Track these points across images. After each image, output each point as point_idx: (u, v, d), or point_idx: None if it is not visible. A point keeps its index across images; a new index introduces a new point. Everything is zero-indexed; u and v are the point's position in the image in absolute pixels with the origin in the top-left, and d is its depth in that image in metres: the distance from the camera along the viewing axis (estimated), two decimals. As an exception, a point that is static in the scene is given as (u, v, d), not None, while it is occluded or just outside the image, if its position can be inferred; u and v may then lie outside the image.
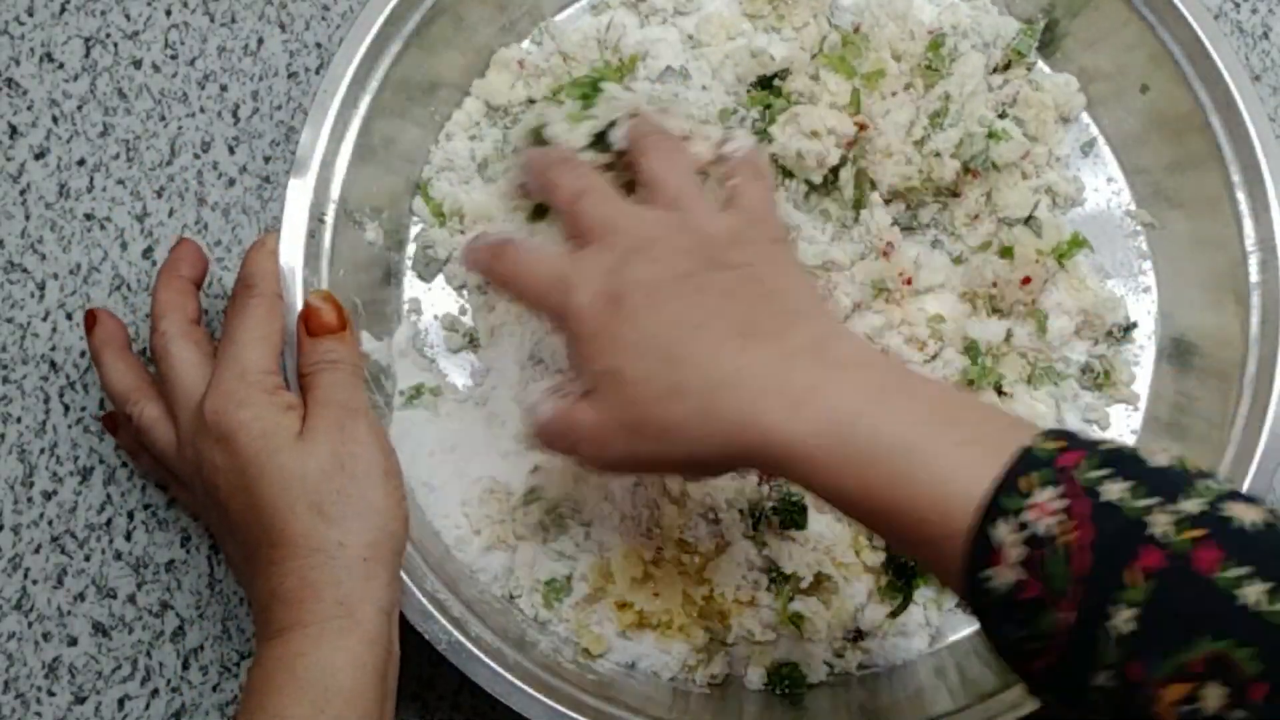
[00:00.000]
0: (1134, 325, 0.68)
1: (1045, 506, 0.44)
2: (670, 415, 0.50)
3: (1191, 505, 0.43)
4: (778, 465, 0.49)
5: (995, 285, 0.66)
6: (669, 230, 0.54)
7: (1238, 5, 0.75)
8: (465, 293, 0.68)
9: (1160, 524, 0.43)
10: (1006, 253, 0.66)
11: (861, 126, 0.65)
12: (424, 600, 0.58)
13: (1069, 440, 0.46)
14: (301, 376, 0.58)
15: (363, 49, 0.63)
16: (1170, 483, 0.44)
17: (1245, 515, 0.43)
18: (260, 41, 0.73)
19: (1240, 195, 0.64)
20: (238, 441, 0.55)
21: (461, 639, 0.58)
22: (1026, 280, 0.65)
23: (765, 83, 0.67)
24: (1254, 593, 0.41)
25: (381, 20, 0.63)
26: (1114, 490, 0.44)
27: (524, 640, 0.62)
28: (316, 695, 0.51)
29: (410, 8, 0.64)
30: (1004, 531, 0.44)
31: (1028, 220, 0.67)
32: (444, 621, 0.58)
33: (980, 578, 0.45)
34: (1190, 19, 0.64)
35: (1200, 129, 0.65)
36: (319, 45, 0.73)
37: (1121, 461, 0.45)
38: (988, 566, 0.45)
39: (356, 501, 0.55)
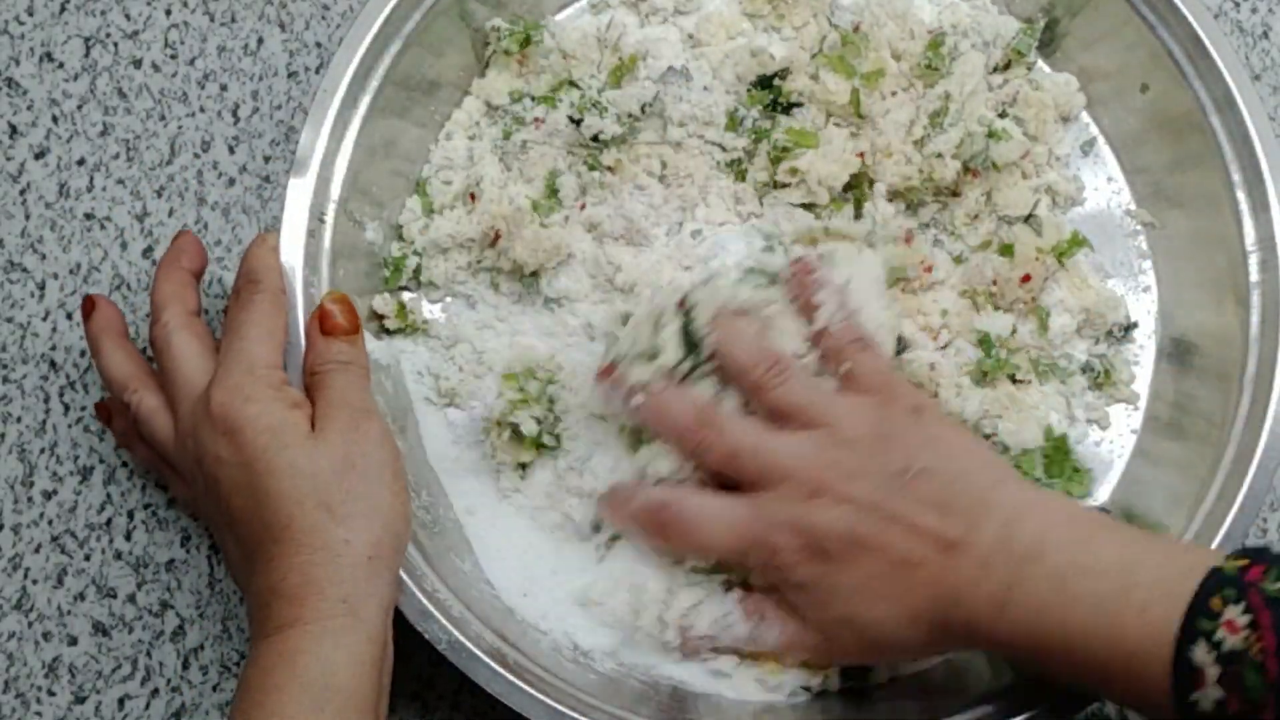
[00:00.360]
0: (1134, 325, 0.68)
1: (1234, 624, 0.47)
2: (903, 642, 0.56)
3: None
4: (1009, 659, 0.58)
5: (995, 283, 0.66)
6: (830, 456, 0.57)
7: (1237, 4, 0.75)
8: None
9: None
10: (1007, 251, 0.66)
11: (860, 156, 0.66)
12: (424, 600, 0.58)
13: (1254, 556, 0.49)
14: (310, 375, 0.59)
15: (363, 48, 0.63)
16: None
17: None
18: (260, 41, 0.73)
19: (1240, 194, 0.64)
20: (244, 436, 0.55)
21: (461, 638, 0.58)
22: (1026, 278, 0.65)
23: (765, 82, 0.67)
24: None
25: (381, 20, 0.63)
26: None
27: (524, 639, 0.62)
28: (316, 693, 0.51)
29: (411, 7, 0.64)
30: (1201, 653, 0.47)
31: (1028, 219, 0.67)
32: (444, 621, 0.58)
33: (1190, 701, 0.48)
34: (1190, 18, 0.64)
35: (1200, 128, 0.65)
36: (319, 45, 0.73)
37: None
38: (1194, 689, 0.47)
39: (365, 501, 0.55)
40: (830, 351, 0.61)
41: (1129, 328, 0.68)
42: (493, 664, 0.58)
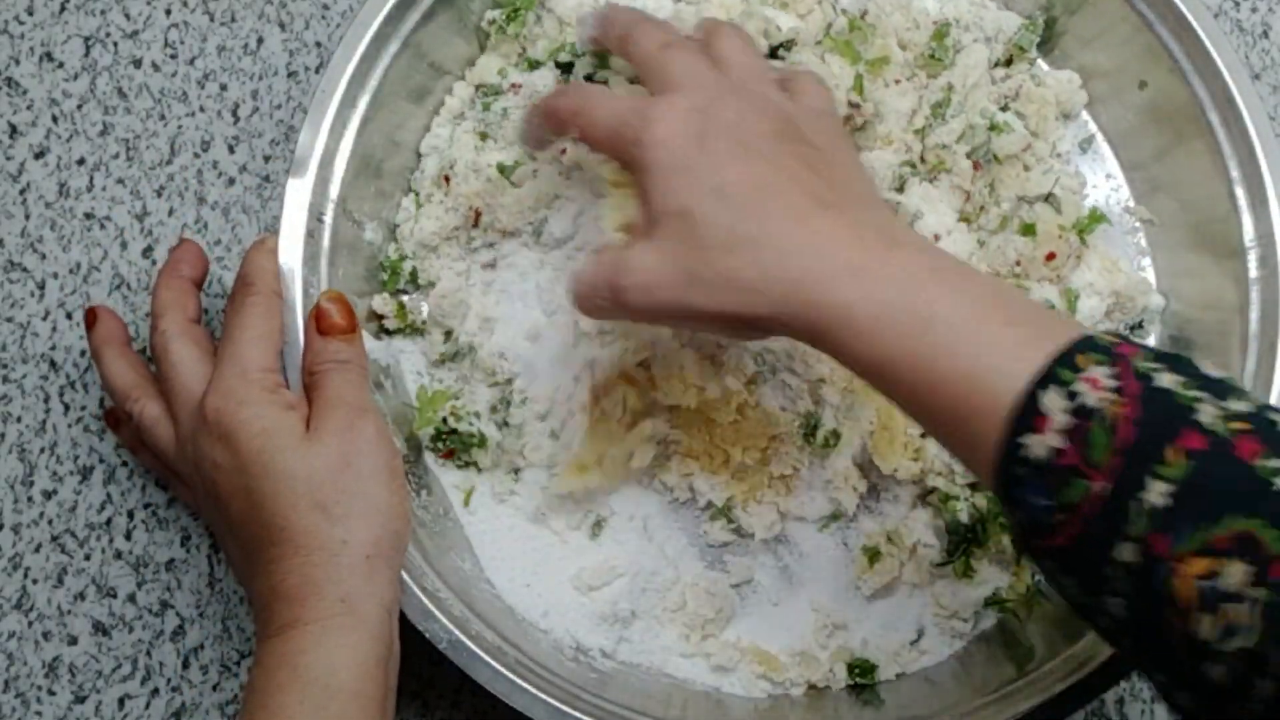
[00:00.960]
0: (1141, 324, 0.68)
1: (1099, 382, 0.44)
2: (733, 265, 0.50)
3: (1240, 405, 0.44)
4: (825, 331, 0.50)
5: (1019, 263, 0.65)
6: (752, 96, 0.54)
7: (1237, 3, 0.75)
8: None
9: (1208, 414, 0.43)
10: (1028, 230, 0.65)
11: (854, 106, 0.65)
12: (424, 599, 0.58)
13: (1125, 339, 0.47)
14: (308, 375, 0.58)
15: (361, 48, 0.63)
16: (1221, 386, 0.45)
17: None
18: (260, 41, 0.73)
19: (1239, 190, 0.64)
20: (238, 439, 0.55)
21: (462, 637, 0.58)
22: (1051, 256, 0.65)
23: (771, 54, 0.67)
24: None
25: (380, 19, 0.63)
26: (1166, 379, 0.45)
27: (525, 638, 0.62)
28: (318, 693, 0.51)
29: (409, 7, 0.64)
30: (1053, 399, 0.45)
31: (1047, 198, 0.67)
32: (445, 620, 0.58)
33: (1017, 443, 0.45)
34: (1187, 14, 0.64)
35: (1198, 124, 0.65)
36: (319, 44, 0.73)
37: (1176, 360, 0.46)
38: (1030, 432, 0.45)
39: (362, 500, 0.55)
40: (788, 74, 0.59)
41: (1135, 326, 0.68)
42: (494, 663, 0.58)
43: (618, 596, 0.64)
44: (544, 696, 0.58)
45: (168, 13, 0.73)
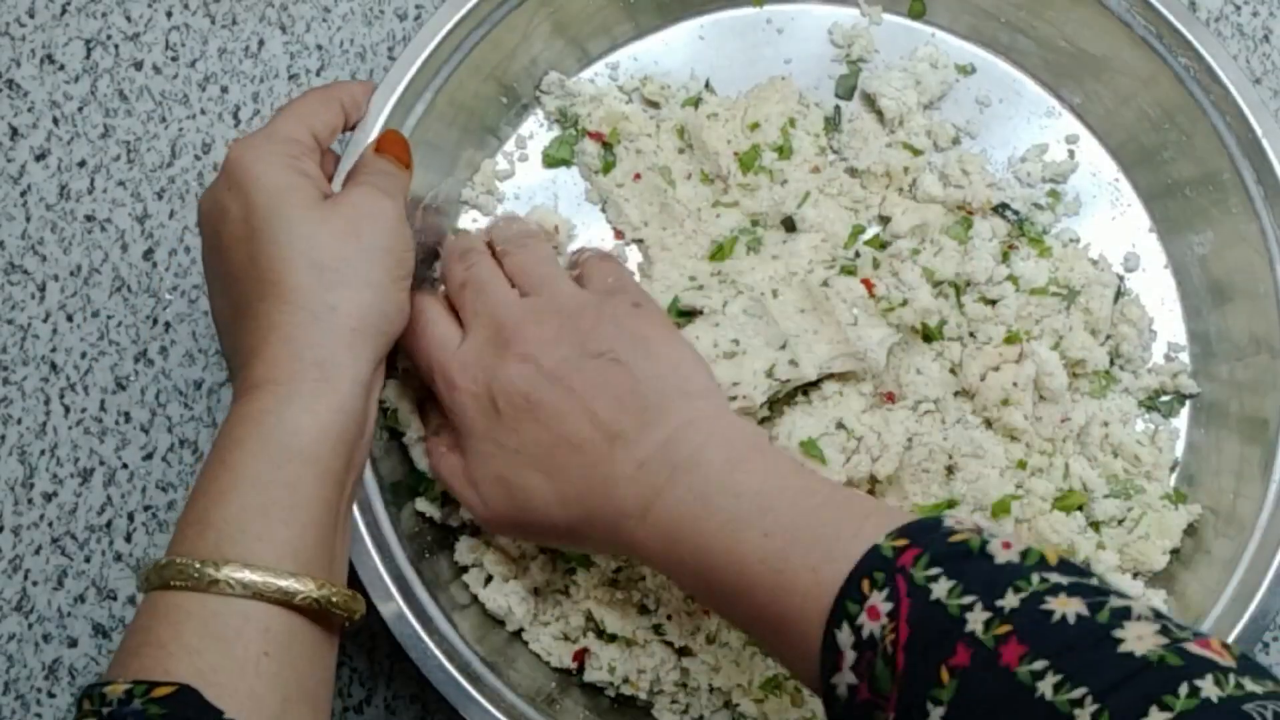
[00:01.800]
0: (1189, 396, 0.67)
1: (876, 610, 0.44)
2: (551, 520, 0.56)
3: (1011, 600, 0.43)
4: (648, 565, 0.56)
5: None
6: (537, 315, 0.57)
7: (1238, 8, 0.75)
8: None
9: (976, 621, 0.43)
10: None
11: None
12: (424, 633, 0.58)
13: (914, 536, 0.46)
14: (350, 178, 0.59)
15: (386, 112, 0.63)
16: (997, 578, 0.44)
17: (1066, 607, 0.42)
18: (261, 43, 0.73)
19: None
20: (250, 191, 0.54)
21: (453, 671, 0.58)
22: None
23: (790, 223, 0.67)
24: (1049, 686, 0.40)
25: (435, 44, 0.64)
26: (941, 589, 0.44)
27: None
28: (276, 452, 0.51)
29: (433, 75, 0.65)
30: (844, 635, 0.45)
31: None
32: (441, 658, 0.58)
33: (830, 684, 0.46)
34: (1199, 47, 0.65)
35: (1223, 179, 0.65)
36: (320, 47, 0.73)
37: (954, 558, 0.45)
38: (835, 672, 0.45)
39: (360, 272, 0.54)
40: (578, 262, 0.63)
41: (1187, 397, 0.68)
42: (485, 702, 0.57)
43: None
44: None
45: (169, 15, 0.73)
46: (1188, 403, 0.67)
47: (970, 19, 0.70)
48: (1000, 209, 0.68)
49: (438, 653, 0.57)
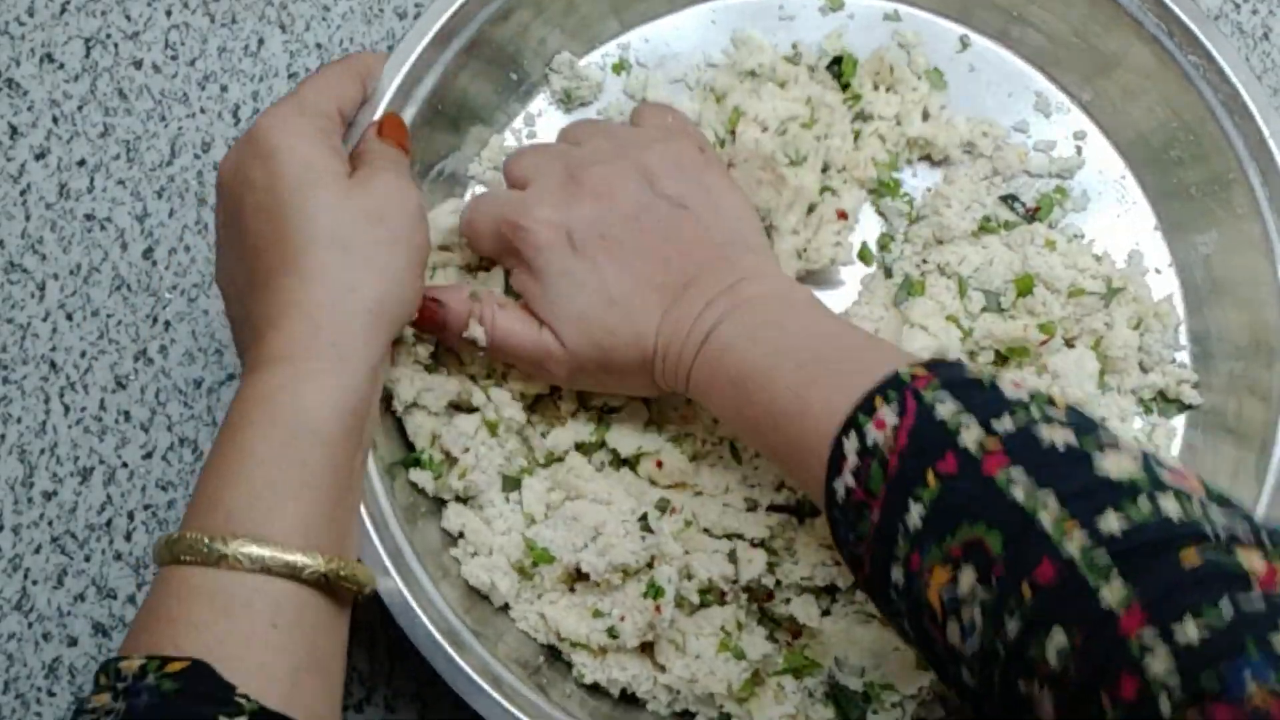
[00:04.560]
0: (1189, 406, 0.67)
1: (883, 421, 0.47)
2: (627, 359, 0.58)
3: (1005, 424, 0.45)
4: (690, 394, 0.58)
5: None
6: (604, 155, 0.59)
7: (1238, 6, 0.75)
8: None
9: (970, 437, 0.45)
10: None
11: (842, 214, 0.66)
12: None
13: (933, 366, 0.49)
14: (355, 157, 0.59)
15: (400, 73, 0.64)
16: (999, 406, 0.46)
17: (1055, 435, 0.44)
18: (261, 42, 0.73)
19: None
20: (280, 162, 0.54)
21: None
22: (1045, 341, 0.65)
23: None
24: (1021, 490, 0.43)
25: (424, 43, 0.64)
26: (945, 410, 0.46)
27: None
28: (287, 432, 0.51)
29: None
30: (850, 443, 0.48)
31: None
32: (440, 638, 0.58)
33: (831, 488, 0.49)
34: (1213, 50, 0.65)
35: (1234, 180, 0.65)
36: (319, 46, 0.73)
37: (963, 385, 0.47)
38: (837, 477, 0.48)
39: (382, 256, 0.54)
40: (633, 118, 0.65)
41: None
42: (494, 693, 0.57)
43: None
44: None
45: (168, 14, 0.73)
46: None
47: (982, 12, 0.70)
48: (1008, 200, 0.68)
49: (425, 620, 0.57)
